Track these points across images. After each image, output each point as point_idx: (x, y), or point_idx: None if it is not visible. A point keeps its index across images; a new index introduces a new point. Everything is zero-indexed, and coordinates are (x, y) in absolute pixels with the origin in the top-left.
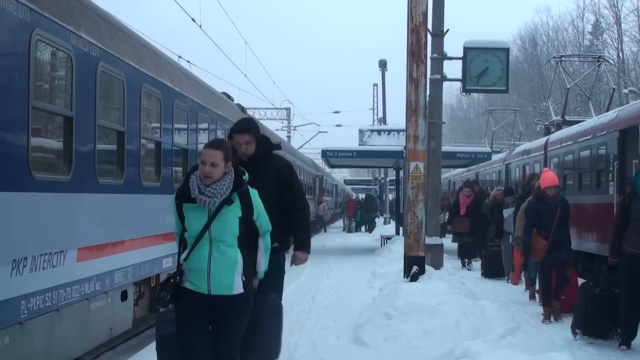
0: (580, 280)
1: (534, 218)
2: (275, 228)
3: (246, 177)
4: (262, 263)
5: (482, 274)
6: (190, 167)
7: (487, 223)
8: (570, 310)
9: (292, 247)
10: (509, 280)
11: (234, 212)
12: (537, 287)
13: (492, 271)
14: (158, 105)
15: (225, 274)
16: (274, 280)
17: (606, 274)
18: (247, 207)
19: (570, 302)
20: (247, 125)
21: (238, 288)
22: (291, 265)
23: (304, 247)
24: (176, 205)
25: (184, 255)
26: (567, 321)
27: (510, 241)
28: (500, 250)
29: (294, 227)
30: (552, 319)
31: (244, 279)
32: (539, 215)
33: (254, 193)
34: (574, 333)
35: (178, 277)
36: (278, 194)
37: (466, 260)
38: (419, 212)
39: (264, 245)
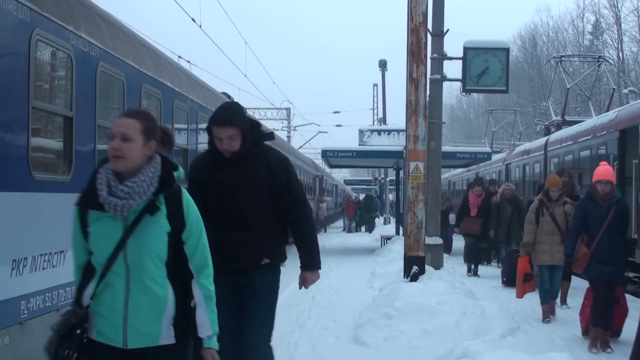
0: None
1: (580, 220)
2: (267, 240)
3: (179, 173)
4: (206, 324)
5: (504, 282)
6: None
7: (498, 224)
8: (613, 335)
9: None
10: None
11: (160, 224)
12: (557, 301)
13: (515, 279)
14: (158, 105)
15: (147, 321)
16: (264, 301)
17: None
18: (175, 218)
19: (616, 325)
20: (230, 116)
21: (166, 337)
22: (300, 288)
23: (313, 265)
24: (78, 214)
25: (89, 291)
26: (619, 351)
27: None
28: None
29: (298, 241)
30: (598, 346)
31: (174, 326)
32: (585, 216)
33: (188, 199)
34: None
35: (85, 325)
36: (271, 199)
37: (472, 266)
38: (419, 212)
39: (202, 293)
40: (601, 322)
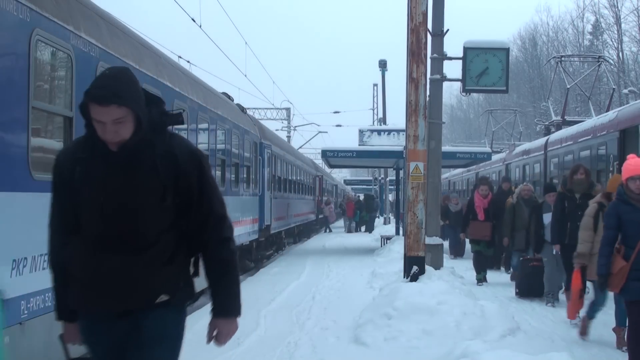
0: None
1: (614, 229)
2: (166, 268)
3: None
4: None
5: (517, 294)
6: None
7: (513, 230)
8: None
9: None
10: (549, 303)
11: None
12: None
13: (529, 290)
14: None
15: None
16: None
17: None
18: None
19: None
20: (117, 90)
21: None
22: (207, 342)
23: (230, 309)
24: None
25: None
26: None
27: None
28: (539, 266)
29: (211, 273)
30: None
31: None
32: (620, 223)
33: None
34: None
35: None
36: (175, 210)
37: (481, 274)
38: (419, 212)
39: None
40: None
